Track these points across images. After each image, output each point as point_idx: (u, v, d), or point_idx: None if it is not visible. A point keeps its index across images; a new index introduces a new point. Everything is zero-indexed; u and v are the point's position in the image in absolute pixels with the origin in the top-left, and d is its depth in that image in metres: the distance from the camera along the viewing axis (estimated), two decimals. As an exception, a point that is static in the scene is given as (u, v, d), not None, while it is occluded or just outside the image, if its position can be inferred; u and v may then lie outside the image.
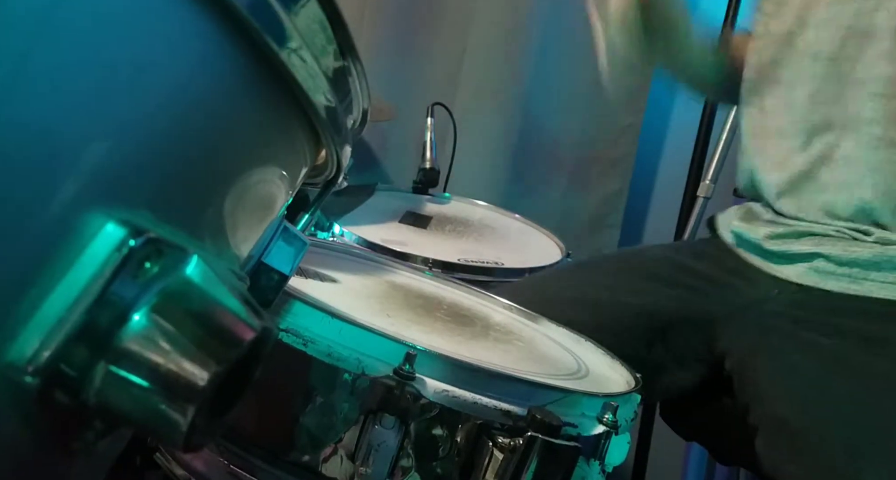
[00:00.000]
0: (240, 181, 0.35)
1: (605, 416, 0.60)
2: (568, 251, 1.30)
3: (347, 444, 0.56)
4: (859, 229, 0.92)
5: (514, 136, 1.72)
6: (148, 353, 0.28)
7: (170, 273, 0.29)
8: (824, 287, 0.91)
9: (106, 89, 0.28)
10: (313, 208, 0.46)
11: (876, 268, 0.89)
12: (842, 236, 0.92)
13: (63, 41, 0.26)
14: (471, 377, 0.58)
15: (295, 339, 0.57)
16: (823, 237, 0.93)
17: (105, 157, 0.28)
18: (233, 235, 0.36)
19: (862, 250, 0.90)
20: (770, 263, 0.98)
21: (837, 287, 0.91)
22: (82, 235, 0.27)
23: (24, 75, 0.25)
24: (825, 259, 0.92)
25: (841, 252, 0.91)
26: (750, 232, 1.00)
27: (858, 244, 0.91)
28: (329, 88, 0.36)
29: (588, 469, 0.60)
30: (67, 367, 0.27)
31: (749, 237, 1.00)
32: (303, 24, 0.33)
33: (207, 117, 0.32)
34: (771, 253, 0.97)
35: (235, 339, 0.30)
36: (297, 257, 0.43)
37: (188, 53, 0.30)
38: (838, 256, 0.91)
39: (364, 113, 0.42)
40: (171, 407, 0.28)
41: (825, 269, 0.92)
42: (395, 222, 1.30)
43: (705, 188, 1.54)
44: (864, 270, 0.90)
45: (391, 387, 0.55)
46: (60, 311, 0.27)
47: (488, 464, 0.55)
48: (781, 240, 0.96)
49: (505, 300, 0.87)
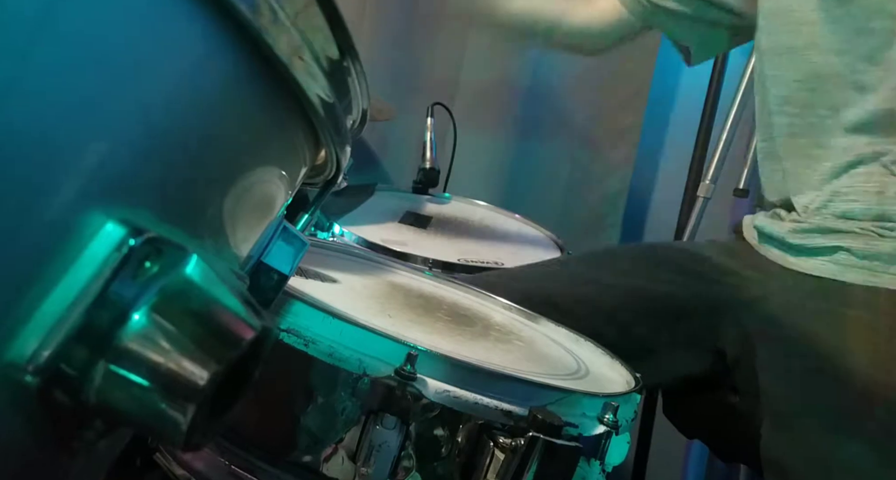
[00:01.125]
0: (239, 181, 0.35)
1: (606, 416, 0.60)
2: (568, 251, 1.30)
3: (348, 444, 0.56)
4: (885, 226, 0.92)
5: (514, 136, 1.72)
6: (148, 352, 0.28)
7: (170, 273, 0.28)
8: (842, 279, 0.92)
9: (105, 89, 0.27)
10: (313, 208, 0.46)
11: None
12: (866, 232, 0.92)
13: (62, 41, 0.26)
14: (472, 378, 0.58)
15: (296, 339, 0.57)
16: (847, 234, 0.93)
17: (105, 156, 0.28)
18: (232, 234, 0.36)
19: (884, 244, 0.91)
20: (789, 256, 0.98)
21: (855, 279, 0.91)
22: (82, 234, 0.27)
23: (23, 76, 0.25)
24: (847, 252, 0.92)
25: (863, 246, 0.91)
26: (774, 227, 1.01)
27: (882, 239, 0.91)
28: (329, 87, 0.36)
29: (588, 469, 0.60)
30: (67, 366, 0.27)
31: (771, 231, 1.00)
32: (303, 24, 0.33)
33: (207, 117, 0.32)
34: (792, 246, 0.98)
35: (235, 338, 0.30)
36: (296, 257, 0.43)
37: (188, 53, 0.30)
38: (861, 249, 0.91)
39: (364, 113, 0.42)
40: (171, 407, 0.28)
41: (846, 262, 0.92)
42: (395, 222, 1.30)
43: (705, 188, 1.54)
44: (884, 263, 0.90)
45: (392, 387, 0.55)
46: (60, 310, 0.27)
47: (489, 464, 0.55)
48: (805, 234, 0.96)
49: (505, 300, 0.87)
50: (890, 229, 0.91)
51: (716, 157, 1.53)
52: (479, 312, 0.84)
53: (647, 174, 1.83)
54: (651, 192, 1.85)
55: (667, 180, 1.81)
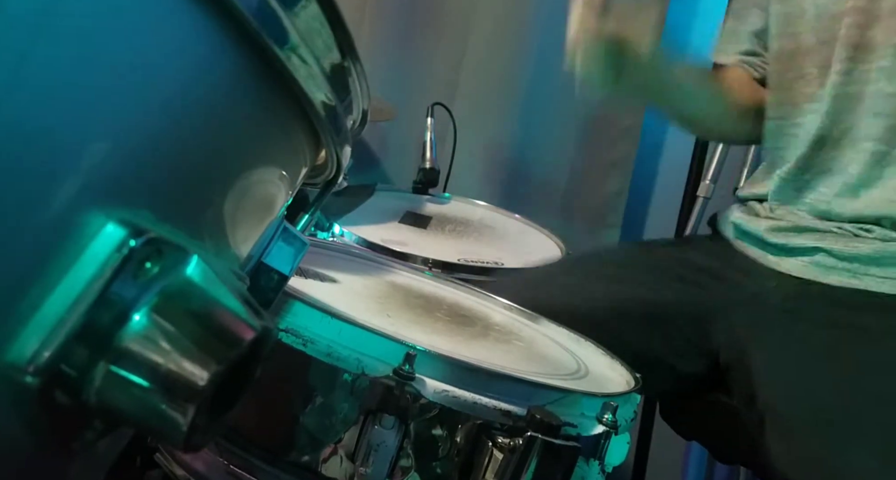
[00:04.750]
0: (240, 181, 0.35)
1: (605, 416, 0.60)
2: (568, 251, 1.30)
3: (347, 444, 0.56)
4: (862, 228, 0.92)
5: (513, 136, 1.72)
6: (148, 353, 0.28)
7: (170, 273, 0.29)
8: (825, 281, 0.92)
9: (106, 89, 0.28)
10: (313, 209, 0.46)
11: (876, 263, 0.90)
12: (843, 233, 0.92)
13: (62, 41, 0.26)
14: (470, 378, 0.58)
15: (294, 339, 0.57)
16: (825, 233, 0.93)
17: (105, 157, 0.28)
18: (233, 235, 0.36)
19: (863, 245, 0.91)
20: (770, 255, 0.98)
21: (838, 282, 0.91)
22: (82, 235, 0.27)
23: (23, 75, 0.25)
24: (826, 253, 0.92)
25: (842, 247, 0.91)
26: (751, 224, 1.01)
27: (860, 240, 0.91)
28: (329, 88, 0.36)
29: (588, 469, 0.60)
30: (68, 367, 0.27)
31: (749, 229, 1.01)
32: (303, 24, 0.33)
33: (207, 117, 0.32)
34: (771, 246, 0.98)
35: (236, 339, 0.30)
36: (296, 257, 0.43)
37: (188, 53, 0.30)
38: (840, 250, 0.91)
39: (364, 113, 0.42)
40: (172, 407, 0.28)
41: (826, 263, 0.92)
42: (395, 222, 1.30)
43: (705, 188, 1.54)
44: (864, 265, 0.90)
45: (391, 387, 0.55)
46: (61, 311, 0.27)
47: (488, 464, 0.55)
48: (783, 233, 0.96)
49: (505, 300, 0.87)
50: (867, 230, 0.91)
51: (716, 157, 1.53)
52: (479, 312, 0.84)
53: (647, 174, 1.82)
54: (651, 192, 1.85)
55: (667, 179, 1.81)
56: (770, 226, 0.98)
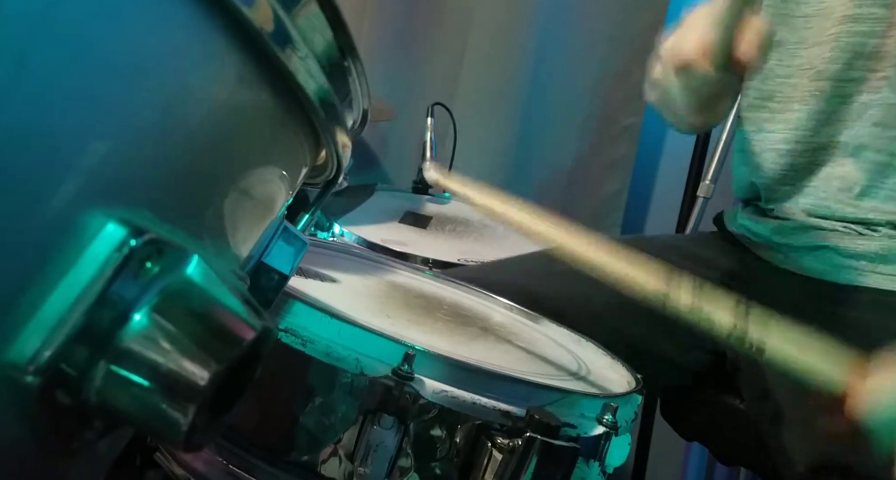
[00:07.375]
0: (240, 181, 0.35)
1: (605, 417, 0.60)
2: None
3: (346, 444, 0.56)
4: (868, 227, 0.92)
5: (514, 136, 1.72)
6: (148, 352, 0.28)
7: (170, 273, 0.29)
8: (832, 279, 0.91)
9: (105, 89, 0.28)
10: (313, 208, 0.46)
11: (883, 261, 0.89)
12: (849, 231, 0.92)
13: (62, 41, 0.26)
14: (470, 378, 0.58)
15: (294, 339, 0.57)
16: (831, 232, 0.93)
17: (105, 156, 0.28)
18: (233, 235, 0.36)
19: (870, 243, 0.90)
20: (777, 254, 0.98)
21: (845, 280, 0.91)
22: (83, 235, 0.27)
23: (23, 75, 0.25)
24: (833, 252, 0.92)
25: (849, 245, 0.91)
26: (758, 225, 1.00)
27: (866, 238, 0.91)
28: (329, 88, 0.36)
29: (588, 470, 0.60)
30: (68, 367, 0.27)
31: (756, 230, 1.00)
32: (303, 24, 0.33)
33: (207, 117, 0.32)
34: (778, 246, 0.97)
35: (236, 338, 0.30)
36: (297, 257, 0.43)
37: (188, 53, 0.30)
38: (846, 248, 0.91)
39: (364, 113, 0.43)
40: (172, 407, 0.28)
41: (833, 261, 0.92)
42: (395, 222, 1.30)
43: (705, 188, 1.54)
44: (871, 263, 0.90)
45: (390, 387, 0.55)
46: (61, 311, 0.27)
47: (487, 465, 0.55)
48: (790, 233, 0.96)
49: (505, 300, 0.87)
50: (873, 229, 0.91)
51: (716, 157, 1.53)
52: (479, 312, 0.84)
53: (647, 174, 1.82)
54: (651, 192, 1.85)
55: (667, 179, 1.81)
56: (777, 226, 0.98)
